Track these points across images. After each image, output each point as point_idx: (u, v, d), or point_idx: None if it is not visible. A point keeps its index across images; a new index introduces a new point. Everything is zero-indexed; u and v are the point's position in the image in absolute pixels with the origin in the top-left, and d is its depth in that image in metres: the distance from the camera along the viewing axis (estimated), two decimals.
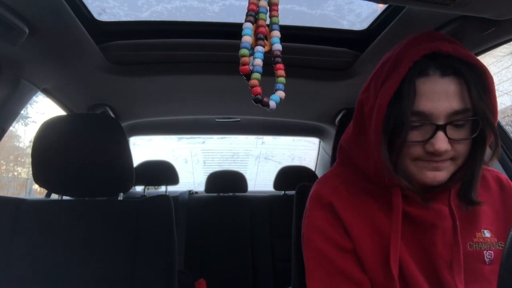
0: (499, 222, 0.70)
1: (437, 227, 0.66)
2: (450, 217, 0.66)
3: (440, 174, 0.62)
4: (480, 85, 0.60)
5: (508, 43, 0.97)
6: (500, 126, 1.28)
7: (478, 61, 0.61)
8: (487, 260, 0.67)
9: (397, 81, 0.61)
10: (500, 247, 0.68)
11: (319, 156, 2.75)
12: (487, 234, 0.69)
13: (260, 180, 3.53)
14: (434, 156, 0.61)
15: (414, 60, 0.60)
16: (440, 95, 0.59)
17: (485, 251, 0.67)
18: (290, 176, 2.39)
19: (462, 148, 0.62)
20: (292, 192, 1.13)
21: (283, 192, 2.44)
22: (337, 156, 0.79)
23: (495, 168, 1.25)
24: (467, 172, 0.64)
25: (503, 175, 0.77)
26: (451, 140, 0.60)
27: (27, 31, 0.98)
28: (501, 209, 0.72)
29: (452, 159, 0.62)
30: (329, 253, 0.68)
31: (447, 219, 0.66)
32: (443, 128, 0.59)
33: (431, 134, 0.60)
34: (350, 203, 0.70)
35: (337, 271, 0.67)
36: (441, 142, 0.59)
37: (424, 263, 0.66)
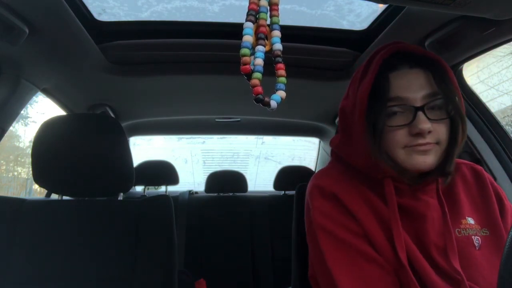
0: (479, 211, 0.75)
1: (426, 217, 0.69)
2: (438, 207, 0.71)
3: (429, 158, 0.67)
4: (442, 74, 0.69)
5: (508, 43, 0.97)
6: (500, 126, 1.28)
7: (436, 56, 0.70)
8: (476, 245, 0.70)
9: (372, 75, 0.68)
10: (484, 234, 0.72)
11: (319, 156, 2.74)
12: (471, 221, 0.73)
13: (260, 180, 3.53)
14: (419, 137, 0.66)
15: (383, 57, 0.69)
16: (412, 83, 0.68)
17: (473, 236, 0.71)
18: (290, 176, 2.39)
19: (442, 131, 0.68)
20: (292, 192, 1.13)
21: (283, 192, 2.44)
22: (331, 155, 0.84)
23: (495, 168, 1.26)
24: (446, 150, 0.70)
25: (478, 166, 0.83)
26: (431, 121, 0.66)
27: (27, 31, 0.98)
28: (479, 198, 0.77)
29: (437, 143, 0.67)
30: (344, 236, 0.68)
31: (435, 209, 0.71)
32: (421, 109, 0.66)
33: (412, 116, 0.66)
34: (352, 191, 0.72)
35: (356, 252, 0.67)
36: (423, 122, 0.65)
37: (421, 251, 0.68)
